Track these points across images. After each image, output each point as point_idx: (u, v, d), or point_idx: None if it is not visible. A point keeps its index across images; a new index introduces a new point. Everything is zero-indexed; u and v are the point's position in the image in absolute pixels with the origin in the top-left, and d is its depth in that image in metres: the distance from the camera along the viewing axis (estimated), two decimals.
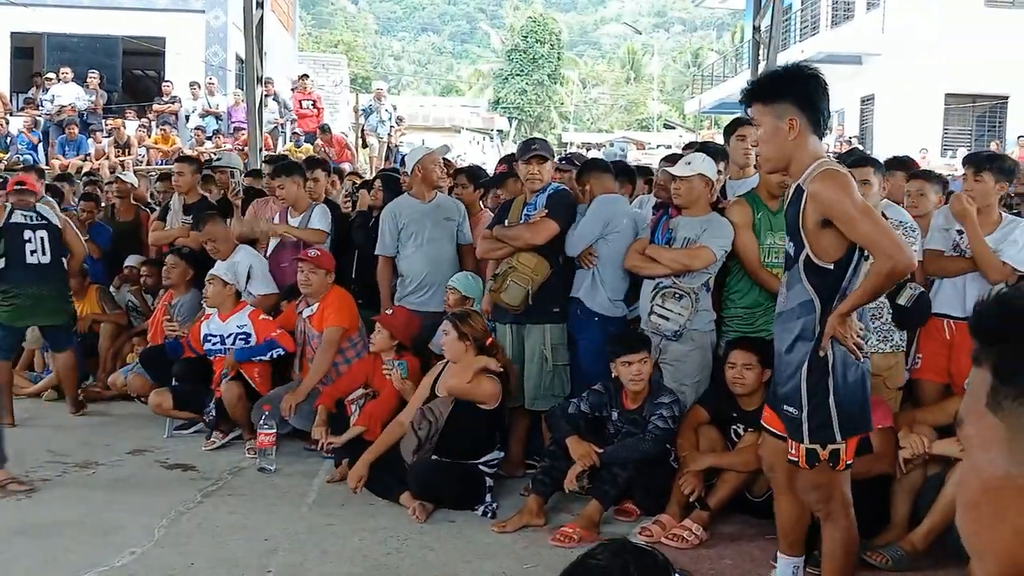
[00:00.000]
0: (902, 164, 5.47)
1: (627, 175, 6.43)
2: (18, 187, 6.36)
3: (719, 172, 4.94)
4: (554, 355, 5.09)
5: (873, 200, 4.27)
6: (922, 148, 18.29)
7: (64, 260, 6.42)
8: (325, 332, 5.77)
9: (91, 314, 7.45)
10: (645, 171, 7.39)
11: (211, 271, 6.18)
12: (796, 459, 3.19)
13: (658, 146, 25.88)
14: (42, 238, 6.28)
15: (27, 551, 4.02)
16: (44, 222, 6.34)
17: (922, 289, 4.50)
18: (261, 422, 5.31)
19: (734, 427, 4.58)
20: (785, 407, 3.18)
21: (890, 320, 4.52)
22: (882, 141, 20.53)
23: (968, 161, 4.79)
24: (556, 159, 5.74)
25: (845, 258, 3.03)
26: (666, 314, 4.76)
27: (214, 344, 6.01)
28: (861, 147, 16.22)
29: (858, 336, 3.09)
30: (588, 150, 23.34)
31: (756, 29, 11.02)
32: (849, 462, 3.18)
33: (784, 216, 3.27)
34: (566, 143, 33.82)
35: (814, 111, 3.05)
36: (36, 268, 6.23)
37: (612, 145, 27.76)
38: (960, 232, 4.55)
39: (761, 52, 10.88)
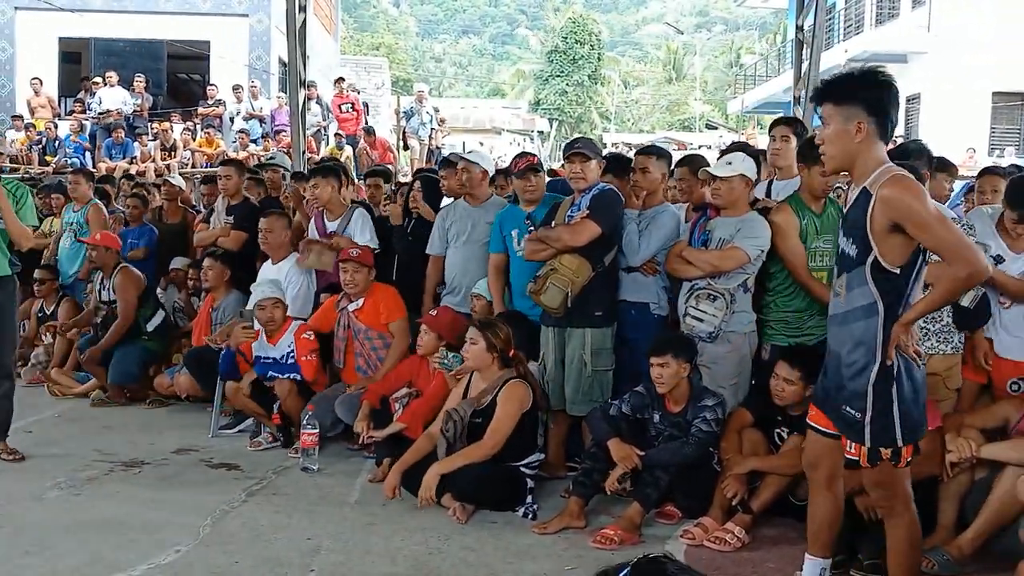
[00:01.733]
0: (946, 166, 5.45)
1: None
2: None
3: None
4: (594, 360, 5.01)
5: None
6: (969, 148, 17.98)
7: None
8: (393, 325, 5.88)
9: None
10: None
11: (261, 292, 6.05)
12: (856, 458, 3.19)
13: (700, 146, 25.69)
14: None
15: (74, 548, 4.08)
16: None
17: (983, 290, 4.43)
18: (304, 422, 5.36)
19: (778, 430, 4.54)
20: (846, 408, 3.18)
21: (951, 322, 4.48)
22: (928, 141, 20.18)
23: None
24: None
25: (910, 263, 3.06)
26: (700, 315, 4.73)
27: (266, 364, 5.97)
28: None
29: (917, 344, 3.14)
30: (630, 150, 23.25)
31: (799, 28, 10.90)
32: (909, 459, 3.20)
33: (843, 218, 3.27)
34: (607, 144, 33.73)
35: (883, 117, 3.09)
36: None
37: None
38: None
39: (804, 52, 10.75)
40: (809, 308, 4.66)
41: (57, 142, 16.17)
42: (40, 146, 16.14)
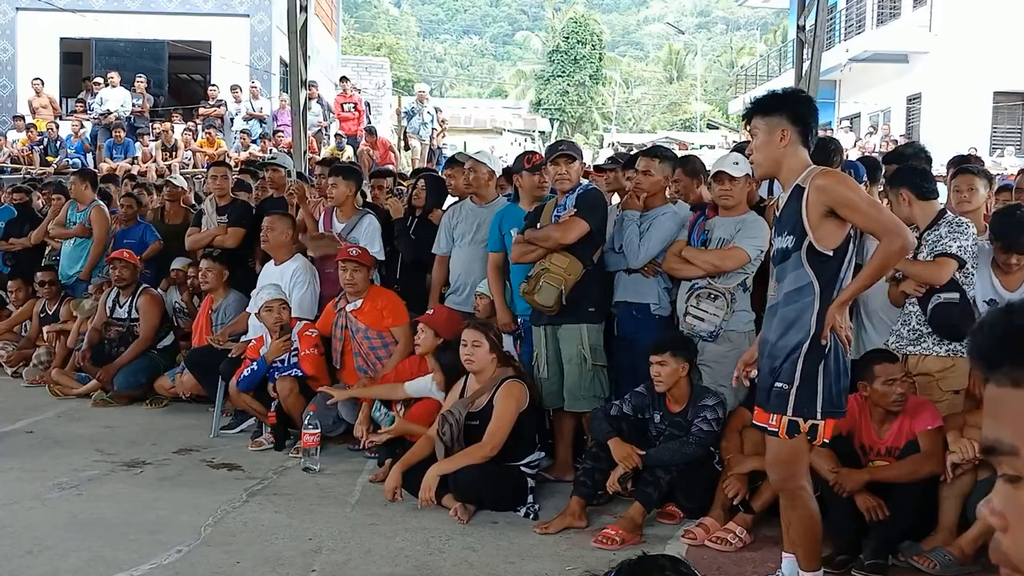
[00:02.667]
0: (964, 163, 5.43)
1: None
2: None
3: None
4: (593, 355, 5.06)
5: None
6: (970, 147, 17.96)
7: None
8: (396, 331, 5.88)
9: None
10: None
11: (267, 294, 6.06)
12: (776, 429, 3.36)
13: (702, 146, 25.70)
14: None
15: (76, 548, 4.09)
16: None
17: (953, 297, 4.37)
18: (306, 422, 5.36)
19: None
20: (776, 383, 3.36)
21: None
22: (929, 140, 20.17)
23: None
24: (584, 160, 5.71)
25: (842, 247, 3.31)
26: (701, 315, 4.75)
27: (273, 366, 5.97)
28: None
29: (849, 331, 3.38)
30: (631, 150, 23.23)
31: (800, 28, 10.89)
32: (826, 440, 3.41)
33: (779, 219, 3.46)
34: (609, 144, 33.69)
35: (804, 126, 3.39)
36: None
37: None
38: None
39: (805, 52, 10.74)
40: None
41: (59, 142, 16.17)
42: (42, 147, 16.14)
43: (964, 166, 5.35)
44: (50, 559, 3.95)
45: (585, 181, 5.46)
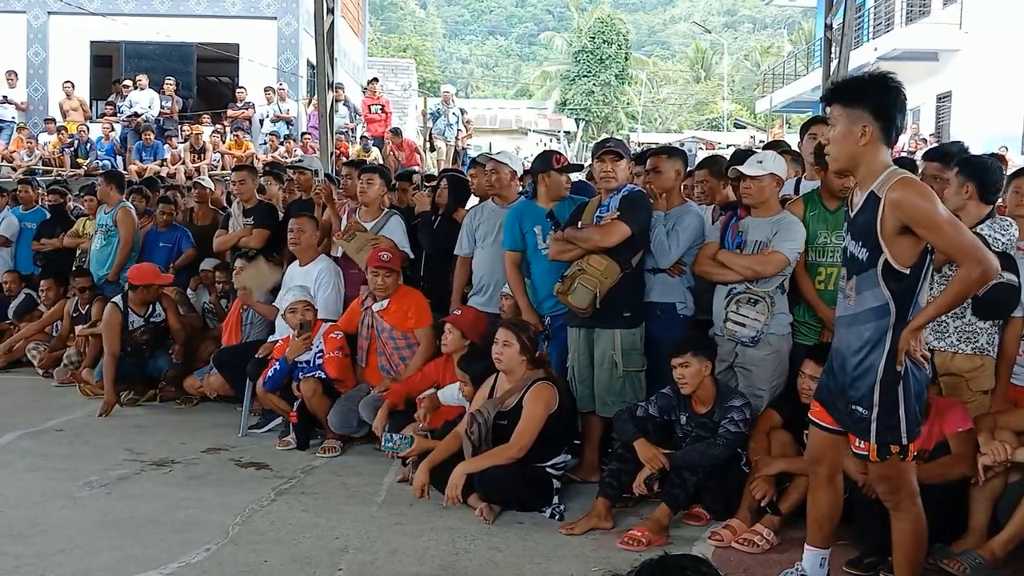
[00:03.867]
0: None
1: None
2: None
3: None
4: (625, 360, 4.99)
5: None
6: (1001, 146, 17.74)
7: None
8: (419, 332, 5.88)
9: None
10: None
11: (292, 295, 6.12)
12: (866, 453, 3.27)
13: (728, 145, 25.55)
14: None
15: (106, 546, 4.14)
16: None
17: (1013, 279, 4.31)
18: (384, 441, 5.13)
19: (806, 431, 4.49)
20: (854, 407, 3.25)
21: (973, 320, 4.37)
22: (959, 139, 19.97)
23: None
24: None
25: (919, 263, 3.13)
26: (742, 320, 4.70)
27: (298, 366, 6.02)
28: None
29: (925, 349, 3.25)
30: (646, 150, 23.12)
31: (828, 27, 10.82)
32: (916, 453, 3.30)
33: (853, 222, 3.28)
34: (637, 144, 33.63)
35: (888, 122, 3.16)
36: None
37: (682, 145, 27.49)
38: None
39: (833, 50, 10.67)
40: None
41: (89, 145, 16.36)
42: (72, 149, 16.34)
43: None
44: (81, 557, 4.00)
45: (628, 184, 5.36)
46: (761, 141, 22.38)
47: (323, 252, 6.67)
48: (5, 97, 17.66)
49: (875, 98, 3.15)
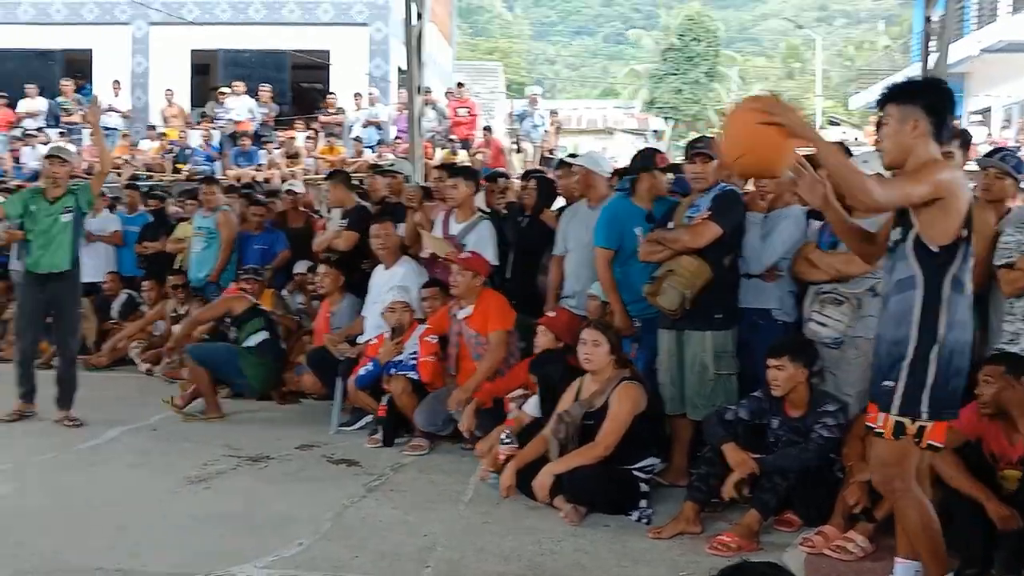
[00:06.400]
0: None
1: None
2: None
3: None
4: (716, 364, 4.92)
5: None
6: None
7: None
8: (492, 336, 5.85)
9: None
10: None
11: (391, 295, 6.22)
12: (882, 430, 3.30)
13: None
14: None
15: (203, 539, 4.27)
16: None
17: None
18: (503, 438, 5.12)
19: None
20: (884, 382, 3.28)
21: None
22: None
23: None
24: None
25: (951, 246, 3.22)
26: (824, 320, 4.60)
27: (389, 363, 6.12)
28: None
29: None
30: None
31: (928, 19, 10.45)
32: (939, 444, 3.30)
33: (899, 211, 3.37)
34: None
35: (939, 119, 3.31)
36: None
37: None
38: None
39: (932, 44, 10.31)
40: None
41: (188, 151, 16.89)
42: (172, 155, 16.90)
43: None
44: (180, 550, 4.13)
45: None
46: (855, 138, 21.78)
47: (413, 254, 6.76)
48: (110, 105, 18.38)
49: (927, 97, 3.33)
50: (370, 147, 16.49)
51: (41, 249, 6.46)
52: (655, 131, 35.13)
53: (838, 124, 36.17)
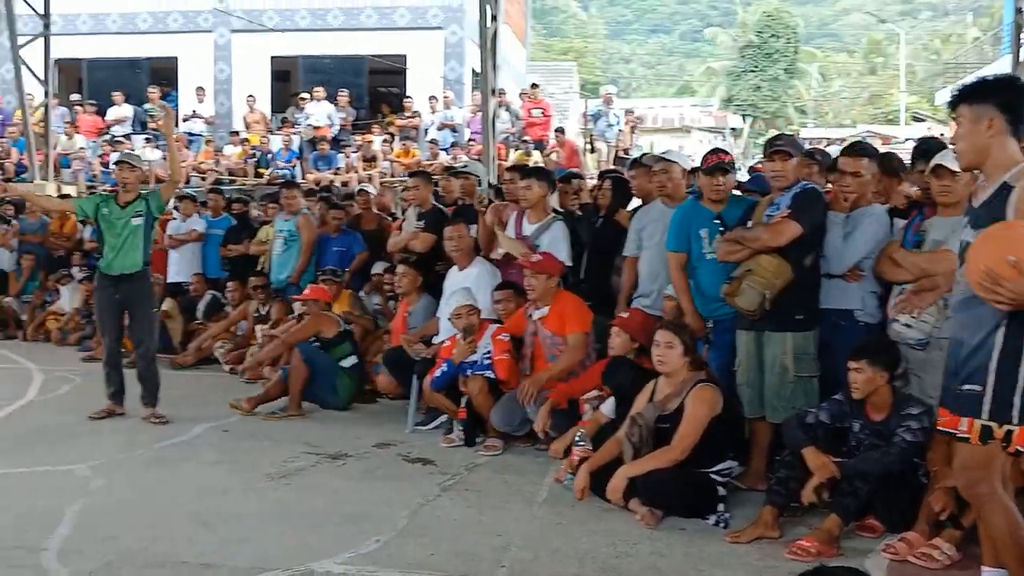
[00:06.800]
0: None
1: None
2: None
3: None
4: (797, 366, 4.82)
5: None
6: None
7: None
8: (571, 337, 5.85)
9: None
10: None
11: (456, 299, 6.25)
12: (967, 436, 3.20)
13: (906, 140, 24.28)
14: None
15: (283, 535, 4.35)
16: None
17: None
18: (577, 439, 5.17)
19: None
20: (965, 386, 3.20)
21: None
22: None
23: None
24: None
25: None
26: (909, 321, 4.47)
27: (465, 365, 6.13)
28: None
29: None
30: (827, 146, 22.28)
31: (1018, 10, 10.12)
32: (1021, 448, 3.16)
33: (976, 212, 3.25)
34: (804, 139, 32.45)
35: (1014, 115, 3.23)
36: None
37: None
38: None
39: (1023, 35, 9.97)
40: None
41: (269, 155, 17.27)
42: (254, 159, 17.30)
43: None
44: (260, 545, 4.22)
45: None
46: (941, 134, 21.16)
47: (487, 255, 6.80)
48: (194, 112, 18.91)
49: (1000, 95, 3.24)
50: (445, 149, 16.63)
51: (113, 251, 6.67)
52: (732, 129, 34.67)
53: (923, 120, 35.19)
